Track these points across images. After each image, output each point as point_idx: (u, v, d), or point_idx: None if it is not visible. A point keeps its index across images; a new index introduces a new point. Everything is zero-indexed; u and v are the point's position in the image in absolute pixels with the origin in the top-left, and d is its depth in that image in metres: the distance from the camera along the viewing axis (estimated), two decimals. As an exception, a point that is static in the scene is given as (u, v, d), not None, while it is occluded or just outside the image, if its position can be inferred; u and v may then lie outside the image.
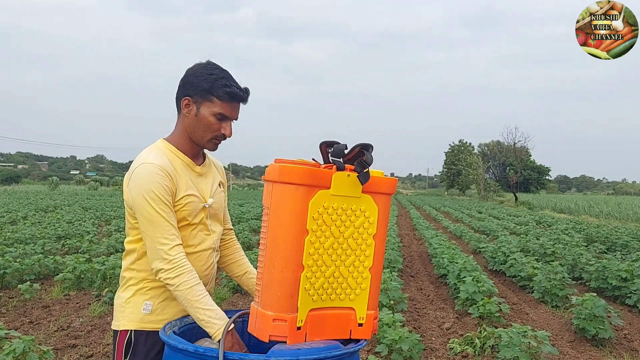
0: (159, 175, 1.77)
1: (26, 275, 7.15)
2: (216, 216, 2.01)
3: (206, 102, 1.83)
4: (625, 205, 29.78)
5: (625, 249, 11.59)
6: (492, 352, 4.67)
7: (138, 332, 1.83)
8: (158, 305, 1.86)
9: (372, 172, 1.58)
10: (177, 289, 1.73)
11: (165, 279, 1.74)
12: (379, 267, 1.66)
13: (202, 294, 1.73)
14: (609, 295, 7.18)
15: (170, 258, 1.73)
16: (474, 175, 55.36)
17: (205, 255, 1.93)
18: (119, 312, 1.88)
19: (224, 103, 1.83)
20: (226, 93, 1.82)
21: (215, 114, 1.83)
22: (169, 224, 1.76)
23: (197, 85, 1.83)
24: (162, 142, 1.91)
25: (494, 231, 14.97)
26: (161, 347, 1.83)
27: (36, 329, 5.19)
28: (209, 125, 1.84)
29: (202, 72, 1.84)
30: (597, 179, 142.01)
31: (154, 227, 1.74)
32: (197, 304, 1.72)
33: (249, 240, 11.61)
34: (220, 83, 1.81)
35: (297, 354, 1.47)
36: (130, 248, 1.89)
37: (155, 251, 1.74)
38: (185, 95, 1.85)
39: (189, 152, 1.91)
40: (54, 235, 11.41)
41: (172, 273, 1.73)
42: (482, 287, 6.05)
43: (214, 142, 1.89)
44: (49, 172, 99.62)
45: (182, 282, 1.72)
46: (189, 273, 1.74)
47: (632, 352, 5.05)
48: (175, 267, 1.73)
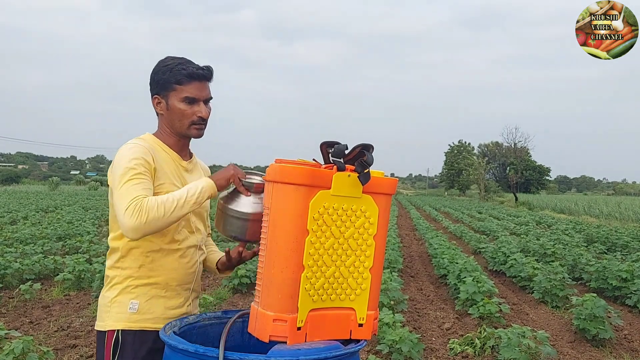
0: (140, 148, 1.79)
1: (26, 275, 7.15)
2: (200, 215, 2.00)
3: (171, 92, 1.86)
4: (626, 206, 29.75)
5: (626, 249, 11.60)
6: (492, 353, 4.66)
7: (125, 332, 1.81)
8: (145, 303, 1.84)
9: (372, 173, 1.58)
10: (150, 217, 1.64)
11: (135, 227, 1.64)
12: (379, 268, 1.66)
13: (166, 198, 1.69)
14: (609, 295, 7.18)
15: (129, 206, 1.66)
16: (474, 176, 55.36)
17: (190, 253, 1.92)
18: (104, 312, 1.86)
19: (186, 86, 1.85)
20: (185, 75, 1.84)
21: (182, 99, 1.86)
22: (143, 188, 1.71)
23: (159, 80, 1.88)
24: (148, 135, 1.94)
25: (494, 231, 14.97)
26: (150, 346, 1.82)
27: (36, 329, 5.19)
28: (182, 112, 1.87)
29: (160, 67, 1.89)
30: (598, 180, 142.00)
31: (127, 192, 1.69)
32: (174, 205, 1.68)
33: (249, 240, 11.60)
34: (177, 69, 1.85)
35: (297, 354, 1.46)
36: (115, 245, 1.87)
37: (121, 212, 1.67)
38: (154, 94, 1.91)
39: (175, 146, 1.93)
40: (54, 236, 11.42)
41: (135, 215, 1.64)
42: (482, 288, 6.05)
43: (194, 127, 1.90)
44: (49, 172, 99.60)
45: (148, 209, 1.65)
46: (147, 201, 1.67)
47: (632, 352, 5.05)
48: (135, 207, 1.65)
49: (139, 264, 1.84)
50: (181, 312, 1.92)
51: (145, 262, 1.84)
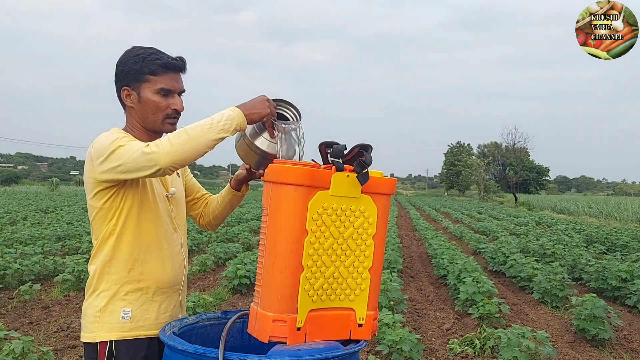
0: (119, 132, 1.74)
1: (26, 276, 7.14)
2: (179, 206, 1.95)
3: (143, 83, 1.75)
4: (625, 206, 29.77)
5: (625, 249, 11.59)
6: (492, 353, 4.66)
7: (119, 342, 1.72)
8: (137, 310, 1.76)
9: (371, 173, 1.58)
10: (174, 142, 1.56)
11: (166, 152, 1.55)
12: (378, 268, 1.66)
13: (188, 127, 1.59)
14: (608, 295, 7.18)
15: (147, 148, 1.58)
16: (474, 176, 55.37)
17: (176, 252, 1.88)
18: (92, 322, 1.74)
19: (160, 77, 1.75)
20: (159, 66, 1.75)
21: (156, 91, 1.75)
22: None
23: (129, 70, 1.76)
24: (116, 129, 1.80)
25: (494, 232, 14.97)
26: (145, 353, 1.77)
27: (36, 330, 5.19)
28: (156, 105, 1.77)
29: (129, 57, 1.77)
30: (597, 180, 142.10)
31: (130, 145, 1.61)
32: (199, 131, 1.57)
33: (249, 240, 11.60)
34: (150, 59, 1.74)
35: (297, 354, 1.46)
36: (101, 247, 1.77)
37: (135, 160, 1.59)
38: (122, 86, 1.79)
39: (148, 142, 1.77)
40: (53, 236, 11.40)
41: (157, 145, 1.57)
42: (482, 288, 6.05)
43: (168, 122, 1.80)
44: (49, 172, 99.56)
45: (169, 137, 1.59)
46: (163, 137, 1.62)
47: (632, 352, 5.05)
48: (153, 143, 1.58)
49: (127, 267, 1.76)
50: (173, 315, 1.87)
51: (135, 265, 1.76)
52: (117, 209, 1.75)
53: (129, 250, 1.76)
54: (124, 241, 1.76)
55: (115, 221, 1.75)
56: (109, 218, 1.75)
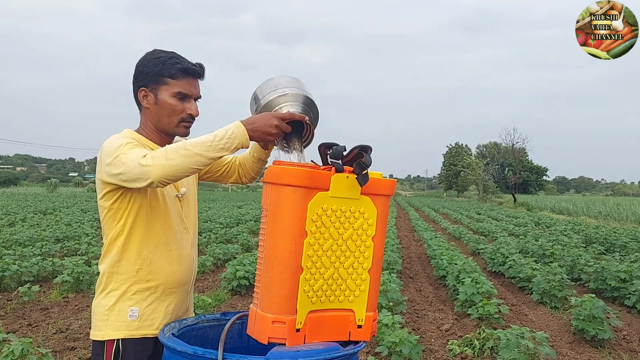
0: (128, 136, 1.75)
1: (25, 277, 7.13)
2: (190, 206, 1.95)
3: (162, 85, 1.78)
4: (624, 206, 29.78)
5: (624, 249, 11.59)
6: (492, 354, 4.66)
7: (126, 341, 1.74)
8: (145, 309, 1.78)
9: (371, 174, 1.58)
10: (171, 156, 1.56)
11: (159, 165, 1.55)
12: (378, 269, 1.66)
13: (184, 142, 1.59)
14: (607, 296, 7.18)
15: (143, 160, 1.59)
16: (473, 177, 55.41)
17: (186, 252, 1.88)
18: (101, 320, 1.77)
19: (179, 81, 1.78)
20: (179, 70, 1.77)
21: (174, 94, 1.78)
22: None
23: (148, 72, 1.78)
24: (129, 131, 1.84)
25: (493, 232, 14.98)
26: (152, 352, 1.78)
27: (35, 332, 5.18)
28: (172, 108, 1.79)
29: (150, 59, 1.80)
30: (596, 180, 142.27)
31: (132, 152, 1.62)
32: (198, 149, 1.57)
33: (248, 241, 11.59)
34: (170, 62, 1.77)
35: (296, 355, 1.46)
36: (110, 247, 1.79)
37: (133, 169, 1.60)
38: (140, 87, 1.81)
39: (159, 144, 1.84)
40: (52, 238, 11.39)
41: (153, 158, 1.57)
42: (481, 289, 6.05)
43: (183, 125, 1.82)
44: (48, 174, 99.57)
45: (167, 151, 1.58)
46: (164, 148, 1.61)
47: (631, 352, 5.05)
48: (150, 154, 1.59)
49: (136, 267, 1.78)
50: (180, 315, 1.89)
51: (144, 265, 1.78)
52: (126, 210, 1.76)
53: (138, 250, 1.78)
54: (132, 241, 1.78)
55: (124, 221, 1.77)
56: (118, 218, 1.77)
